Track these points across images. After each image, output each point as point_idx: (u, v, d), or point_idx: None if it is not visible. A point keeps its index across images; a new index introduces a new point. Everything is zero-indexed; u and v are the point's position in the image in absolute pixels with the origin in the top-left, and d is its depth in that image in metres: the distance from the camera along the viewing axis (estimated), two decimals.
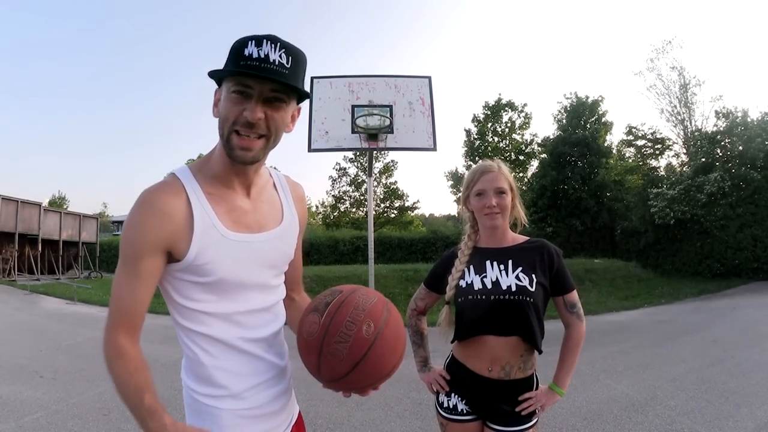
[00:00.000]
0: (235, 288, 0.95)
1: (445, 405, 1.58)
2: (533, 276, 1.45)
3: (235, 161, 0.90)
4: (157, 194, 0.88)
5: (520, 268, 1.47)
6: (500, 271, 1.49)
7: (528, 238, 1.58)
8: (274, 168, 1.13)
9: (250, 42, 0.83)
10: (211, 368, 0.95)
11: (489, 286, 1.48)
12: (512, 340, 1.43)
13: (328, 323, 0.89)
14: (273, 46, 0.84)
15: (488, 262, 1.51)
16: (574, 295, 1.52)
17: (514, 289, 1.44)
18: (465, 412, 1.54)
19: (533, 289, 1.43)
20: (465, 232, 1.62)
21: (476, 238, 1.61)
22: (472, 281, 1.51)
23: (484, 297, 1.47)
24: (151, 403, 0.87)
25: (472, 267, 1.53)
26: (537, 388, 1.50)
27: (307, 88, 0.96)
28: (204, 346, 0.95)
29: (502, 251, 1.53)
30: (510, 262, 1.49)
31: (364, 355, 0.88)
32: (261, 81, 0.84)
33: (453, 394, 1.57)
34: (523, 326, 1.43)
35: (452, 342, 1.59)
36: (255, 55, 0.83)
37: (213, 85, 0.96)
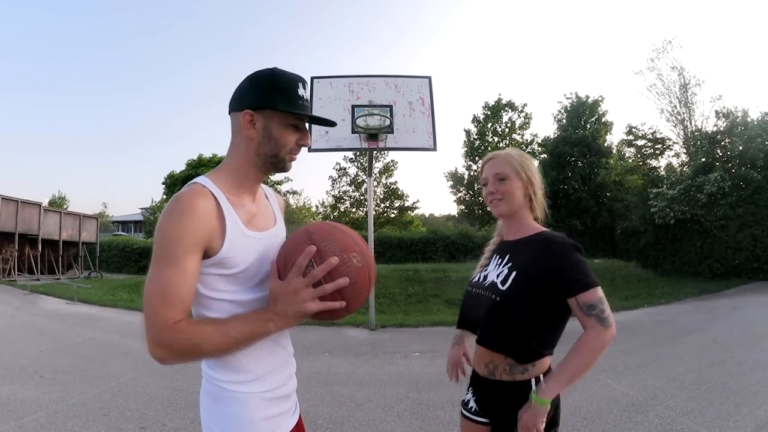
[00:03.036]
0: (253, 278, 1.08)
1: (463, 397, 1.53)
2: (515, 273, 1.34)
3: (283, 171, 1.15)
4: (194, 198, 0.99)
5: (510, 264, 1.38)
6: (496, 265, 1.43)
7: (543, 230, 1.45)
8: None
9: (299, 85, 1.10)
10: (239, 355, 1.05)
11: (480, 280, 1.45)
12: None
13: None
14: (305, 87, 1.12)
15: (495, 256, 1.48)
16: (591, 294, 1.27)
17: (486, 284, 1.39)
18: (474, 411, 1.46)
19: (504, 288, 1.33)
20: (497, 228, 1.61)
21: (502, 230, 1.55)
22: (479, 274, 1.48)
23: (470, 290, 1.46)
24: (247, 326, 0.98)
25: (490, 260, 1.49)
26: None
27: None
28: None
29: (509, 244, 1.46)
30: (508, 256, 1.42)
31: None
32: (305, 117, 1.13)
33: (469, 388, 1.51)
34: (485, 325, 1.35)
35: None
36: (305, 97, 1.10)
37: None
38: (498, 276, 1.38)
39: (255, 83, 1.08)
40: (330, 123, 1.18)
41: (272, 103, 1.06)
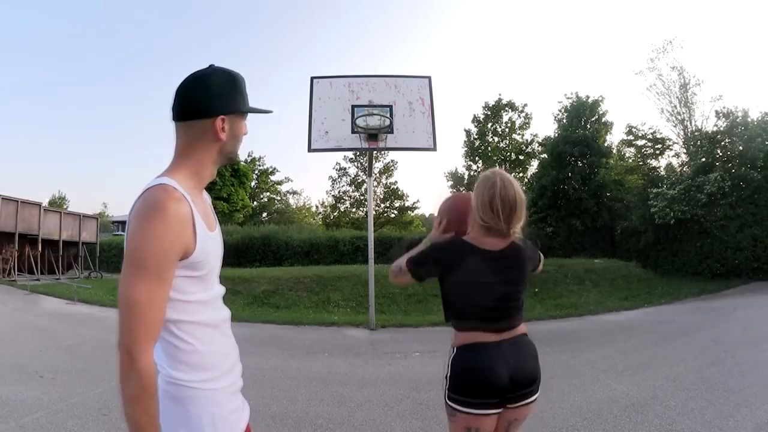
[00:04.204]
0: (212, 277, 1.13)
1: None
2: None
3: (235, 162, 1.26)
4: (172, 203, 0.98)
5: None
6: None
7: None
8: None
9: (244, 80, 1.16)
10: (206, 354, 1.07)
11: None
12: None
13: None
14: None
15: None
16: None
17: None
18: None
19: None
20: None
21: None
22: None
23: None
24: None
25: None
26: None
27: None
28: (198, 335, 1.06)
29: None
30: None
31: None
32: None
33: None
34: None
35: None
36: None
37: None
38: None
39: (223, 88, 1.10)
40: (266, 111, 1.22)
41: (239, 106, 1.12)
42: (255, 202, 32.55)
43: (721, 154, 14.13)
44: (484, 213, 1.57)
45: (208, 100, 1.08)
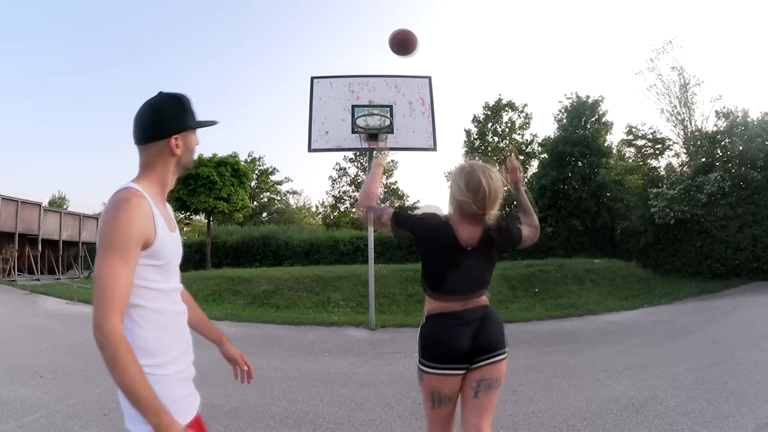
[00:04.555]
0: (172, 270, 1.30)
1: None
2: None
3: (189, 170, 1.42)
4: (138, 200, 1.18)
5: None
6: None
7: None
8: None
9: (190, 101, 1.36)
10: (161, 340, 1.22)
11: None
12: None
13: None
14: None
15: None
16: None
17: None
18: None
19: None
20: None
21: None
22: None
23: None
24: (153, 396, 1.09)
25: None
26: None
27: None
28: (154, 322, 1.22)
29: None
30: None
31: None
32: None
33: None
34: None
35: None
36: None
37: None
38: None
39: (171, 112, 1.30)
40: (212, 123, 1.43)
41: (188, 124, 1.33)
42: (255, 202, 32.54)
43: (721, 154, 14.12)
44: (460, 196, 1.71)
45: (161, 124, 1.28)
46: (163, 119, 1.29)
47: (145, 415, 1.08)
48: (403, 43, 2.61)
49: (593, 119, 20.25)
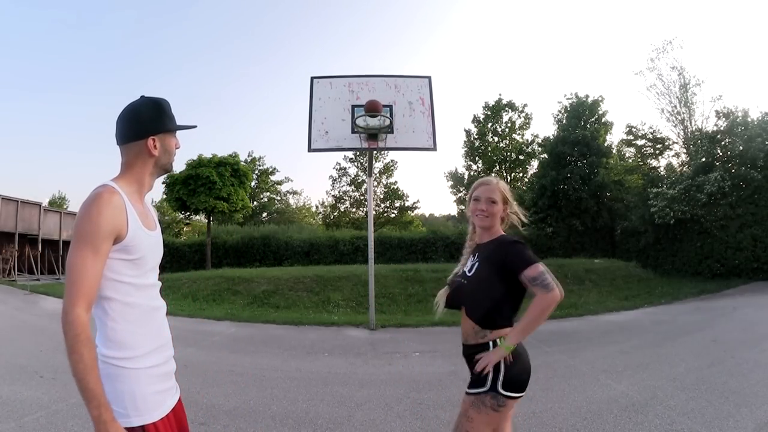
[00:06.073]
0: (147, 264, 1.32)
1: None
2: (477, 263, 1.83)
3: (170, 172, 1.50)
4: (111, 195, 1.23)
5: (477, 258, 1.86)
6: (470, 261, 1.90)
7: (502, 234, 1.90)
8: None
9: (169, 105, 1.43)
10: (132, 333, 1.25)
11: (459, 271, 1.94)
12: (463, 313, 1.83)
13: None
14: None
15: (472, 255, 1.93)
16: (532, 270, 1.66)
17: (460, 273, 1.90)
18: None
19: (470, 274, 1.83)
20: (468, 232, 2.06)
21: (475, 236, 2.00)
22: (460, 267, 1.95)
23: (453, 279, 1.95)
24: (101, 391, 1.12)
25: (469, 258, 1.95)
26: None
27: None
28: (126, 316, 1.25)
29: (481, 246, 1.92)
30: (477, 254, 1.89)
31: None
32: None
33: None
34: (460, 302, 1.84)
35: None
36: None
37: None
38: (468, 267, 1.87)
39: (150, 114, 1.36)
40: (191, 127, 1.49)
41: (166, 127, 1.39)
42: (255, 202, 32.53)
43: (721, 153, 14.12)
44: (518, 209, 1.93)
45: (139, 125, 1.35)
46: (141, 121, 1.35)
47: (88, 406, 1.10)
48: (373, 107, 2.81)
49: (593, 119, 20.26)
